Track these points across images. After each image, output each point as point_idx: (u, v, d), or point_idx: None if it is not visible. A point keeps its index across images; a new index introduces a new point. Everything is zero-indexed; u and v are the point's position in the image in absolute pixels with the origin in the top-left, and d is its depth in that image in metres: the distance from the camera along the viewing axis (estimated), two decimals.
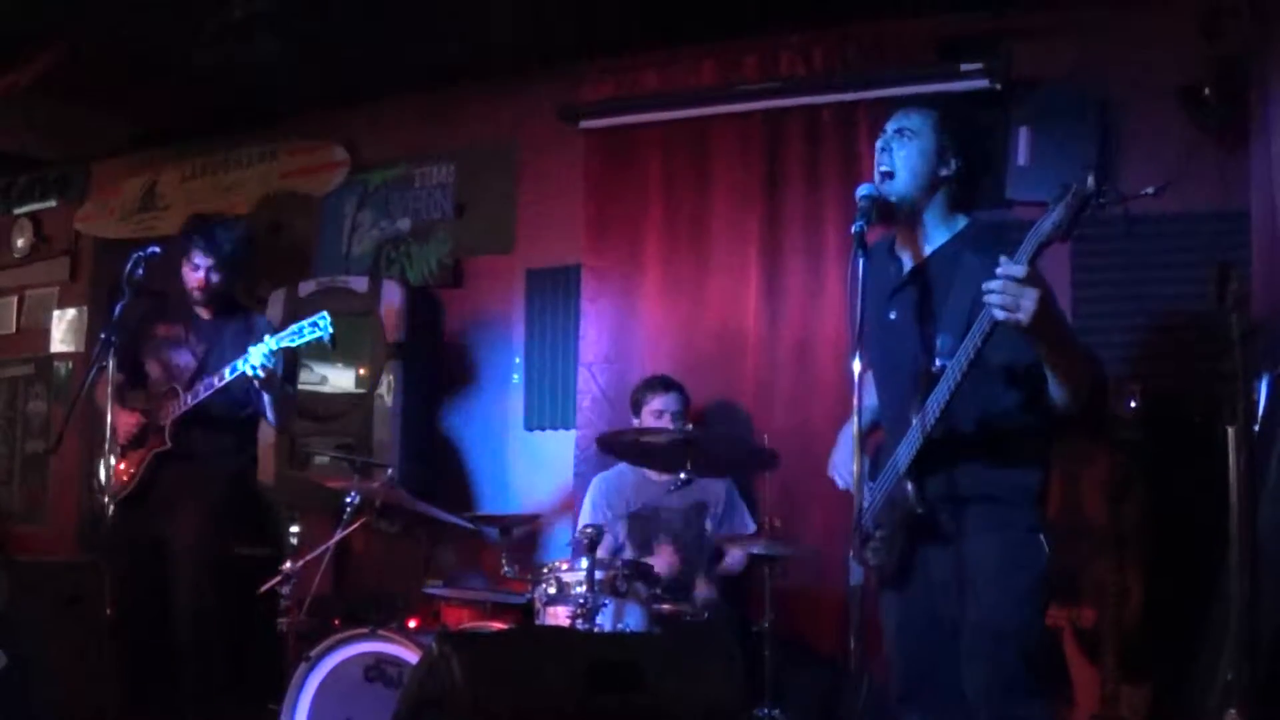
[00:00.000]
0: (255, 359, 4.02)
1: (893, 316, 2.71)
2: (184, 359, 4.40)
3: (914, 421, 2.60)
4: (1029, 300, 2.28)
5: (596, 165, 5.13)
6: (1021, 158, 4.50)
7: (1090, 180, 2.26)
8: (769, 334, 4.70)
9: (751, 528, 4.41)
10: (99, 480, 4.21)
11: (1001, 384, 2.58)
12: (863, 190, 2.64)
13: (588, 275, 5.11)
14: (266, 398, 4.24)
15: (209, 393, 4.17)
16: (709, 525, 4.42)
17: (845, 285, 2.70)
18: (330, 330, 3.99)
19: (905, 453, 2.62)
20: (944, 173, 2.72)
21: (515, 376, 5.31)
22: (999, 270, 2.29)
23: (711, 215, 4.89)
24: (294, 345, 4.05)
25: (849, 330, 2.62)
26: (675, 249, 4.95)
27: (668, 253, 4.95)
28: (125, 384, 4.31)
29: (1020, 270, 2.29)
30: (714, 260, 4.87)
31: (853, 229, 2.54)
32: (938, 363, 2.56)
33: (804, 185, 4.73)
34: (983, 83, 4.40)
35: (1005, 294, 2.29)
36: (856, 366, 2.47)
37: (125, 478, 4.25)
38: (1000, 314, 2.29)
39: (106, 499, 4.15)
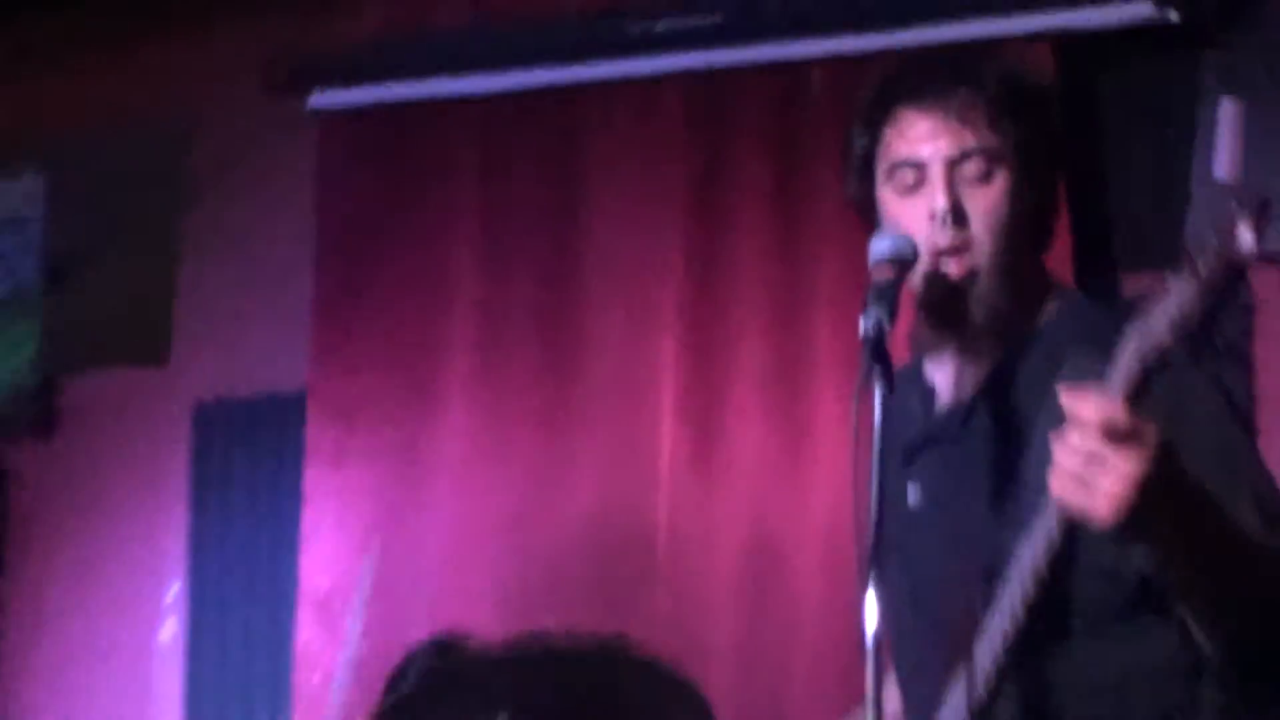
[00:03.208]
0: None
1: (913, 501, 2.05)
2: None
3: (954, 695, 1.99)
4: (1113, 475, 1.60)
5: (342, 185, 3.80)
6: (1223, 163, 3.30)
7: (1245, 230, 1.54)
8: (696, 529, 3.51)
9: None
10: None
11: (1123, 614, 1.94)
12: (882, 247, 1.86)
13: (319, 413, 3.78)
14: None
15: None
16: None
17: (849, 438, 1.85)
18: None
19: None
20: (1035, 217, 1.98)
21: (166, 630, 4.06)
22: (1064, 403, 1.65)
23: (582, 283, 3.65)
24: None
25: (857, 529, 1.84)
26: (504, 355, 3.67)
27: (488, 363, 3.69)
28: None
29: (1099, 413, 1.61)
30: (585, 377, 3.63)
31: (862, 326, 1.79)
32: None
33: (768, 223, 3.50)
34: (1145, 9, 3.19)
35: (1069, 462, 1.64)
36: (870, 604, 1.78)
37: None
38: (1061, 499, 1.68)
39: None
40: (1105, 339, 1.82)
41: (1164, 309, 1.63)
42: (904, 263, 1.90)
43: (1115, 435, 1.62)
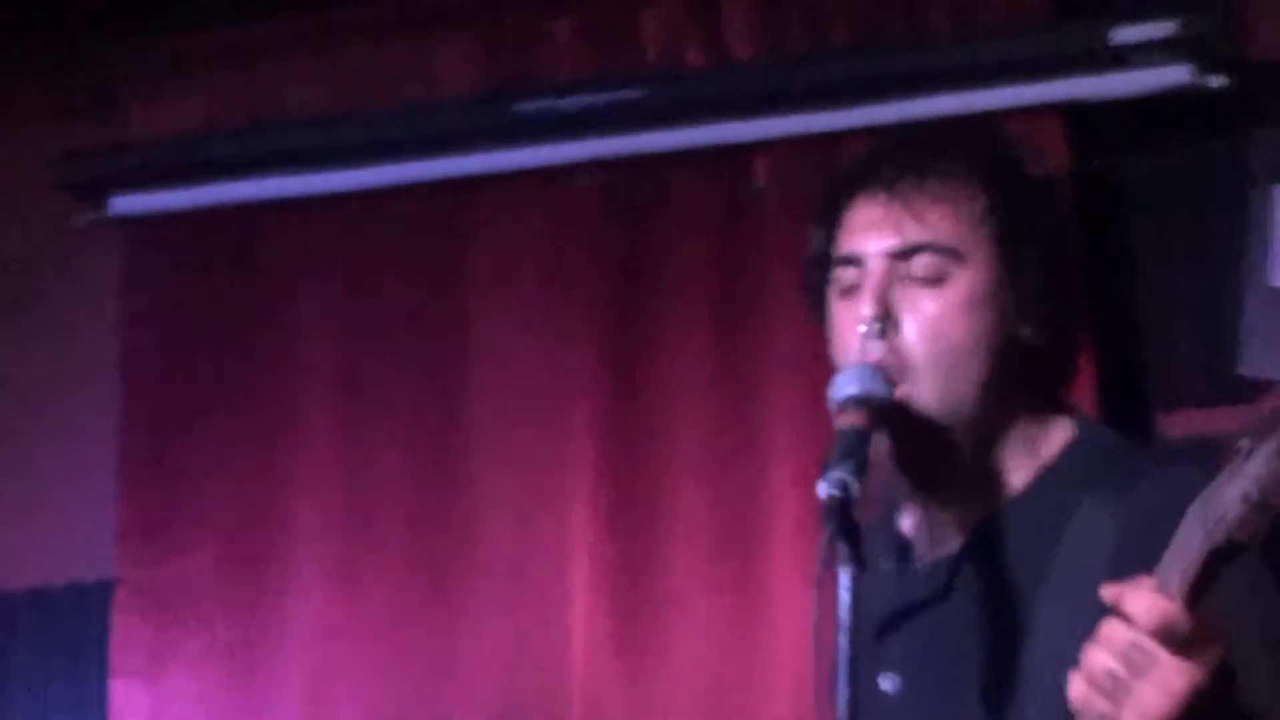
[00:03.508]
0: None
1: (888, 686, 1.79)
2: None
3: None
4: (1156, 690, 1.38)
5: (155, 311, 3.32)
6: (1278, 269, 2.98)
7: None
8: None
9: None
10: None
11: None
12: (846, 386, 1.62)
13: (129, 606, 3.24)
14: None
15: None
16: None
17: (810, 616, 1.60)
18: None
19: None
20: (1024, 332, 1.71)
21: None
22: (1108, 596, 1.41)
23: (469, 429, 3.16)
24: None
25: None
26: (370, 526, 3.13)
27: (349, 537, 3.14)
28: None
29: (1156, 612, 1.38)
30: (475, 549, 3.09)
31: (822, 490, 1.54)
32: None
33: (704, 347, 3.06)
34: (1180, 73, 2.82)
35: (1103, 662, 1.42)
36: None
37: None
38: (1080, 706, 1.43)
39: None
40: (1130, 483, 1.61)
41: (1237, 481, 1.36)
42: (875, 405, 1.63)
43: (1173, 640, 1.39)
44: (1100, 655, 1.41)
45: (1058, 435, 1.74)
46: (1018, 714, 1.70)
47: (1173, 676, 1.39)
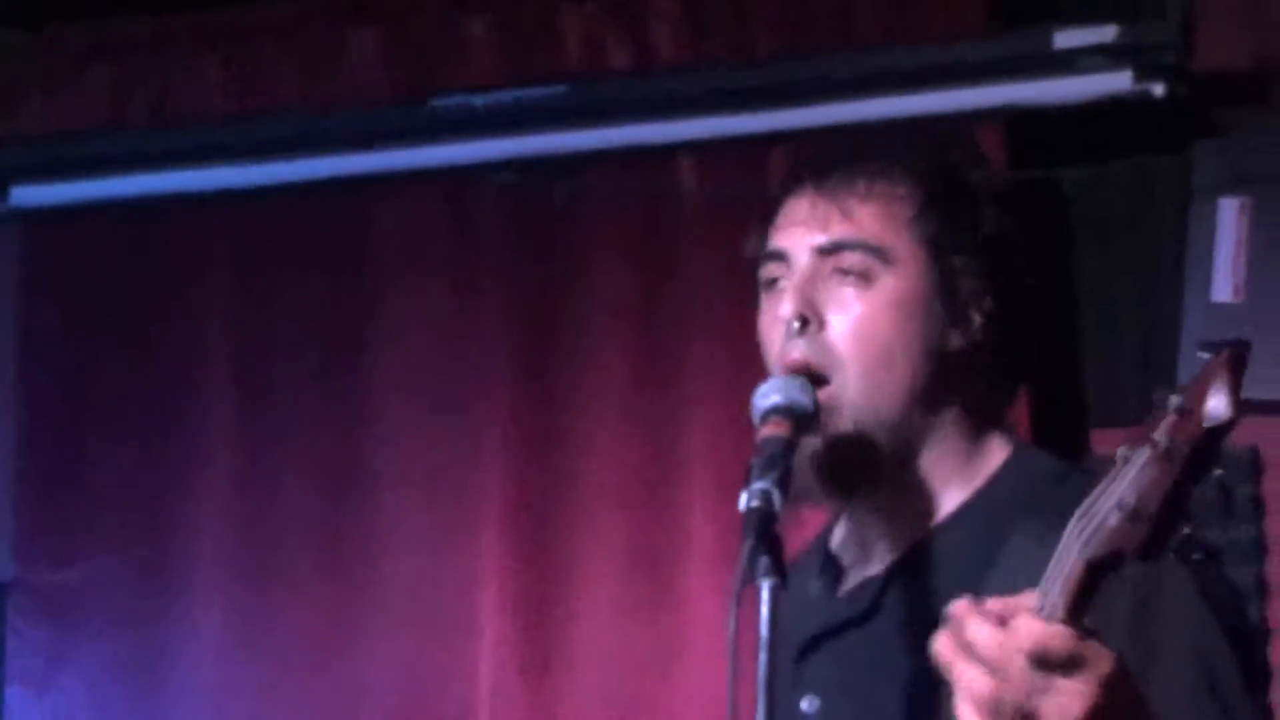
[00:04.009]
0: None
1: (807, 707, 1.76)
2: None
3: None
4: (1049, 713, 1.31)
5: (54, 309, 3.24)
6: (1223, 281, 2.91)
7: (1218, 392, 1.14)
8: None
9: None
10: None
11: None
12: (769, 396, 1.58)
13: (24, 611, 3.20)
14: None
15: None
16: None
17: (726, 633, 1.57)
18: None
19: None
20: (954, 342, 1.64)
21: None
22: (951, 616, 1.35)
23: (372, 443, 3.08)
24: None
25: None
26: (271, 537, 3.07)
27: (250, 549, 3.10)
28: None
29: (1029, 636, 1.28)
30: (378, 568, 3.03)
31: (743, 502, 1.48)
32: None
33: (622, 358, 2.98)
34: (1121, 80, 2.76)
35: (980, 686, 1.31)
36: None
37: None
38: None
39: None
40: (1065, 512, 1.44)
41: (1113, 490, 1.32)
42: (799, 416, 1.57)
43: (1049, 664, 1.30)
44: (972, 679, 1.33)
45: (992, 457, 1.68)
46: None
47: (1062, 698, 1.31)
